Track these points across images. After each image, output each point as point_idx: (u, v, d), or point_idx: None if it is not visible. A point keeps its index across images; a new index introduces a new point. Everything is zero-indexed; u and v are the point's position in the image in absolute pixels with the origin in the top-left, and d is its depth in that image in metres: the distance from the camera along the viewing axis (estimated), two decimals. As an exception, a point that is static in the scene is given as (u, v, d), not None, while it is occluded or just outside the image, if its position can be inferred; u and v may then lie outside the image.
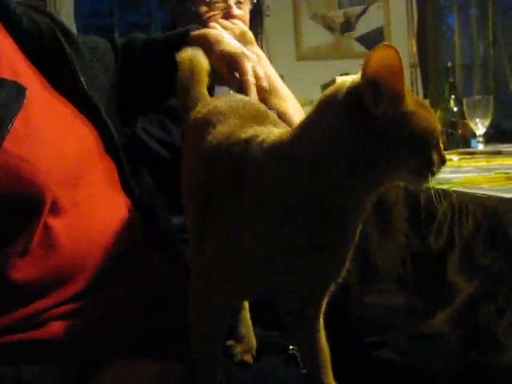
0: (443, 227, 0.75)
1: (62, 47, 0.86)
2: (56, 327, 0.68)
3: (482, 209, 0.66)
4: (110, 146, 0.87)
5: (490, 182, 0.80)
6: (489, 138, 2.77)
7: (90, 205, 0.75)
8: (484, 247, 0.67)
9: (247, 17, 1.61)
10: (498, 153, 1.44)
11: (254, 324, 0.91)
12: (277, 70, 1.62)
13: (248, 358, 0.89)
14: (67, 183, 0.72)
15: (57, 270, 0.68)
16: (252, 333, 0.91)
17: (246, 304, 0.90)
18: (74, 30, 4.01)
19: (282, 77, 2.06)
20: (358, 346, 1.16)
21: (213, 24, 1.53)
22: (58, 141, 0.75)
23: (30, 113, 0.71)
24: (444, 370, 1.03)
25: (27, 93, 0.71)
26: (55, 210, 0.69)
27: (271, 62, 1.72)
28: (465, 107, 1.97)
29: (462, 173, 0.83)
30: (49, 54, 0.85)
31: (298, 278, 0.66)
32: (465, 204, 0.69)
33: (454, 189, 0.73)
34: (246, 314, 0.91)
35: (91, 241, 0.73)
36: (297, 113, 1.48)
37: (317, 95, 2.39)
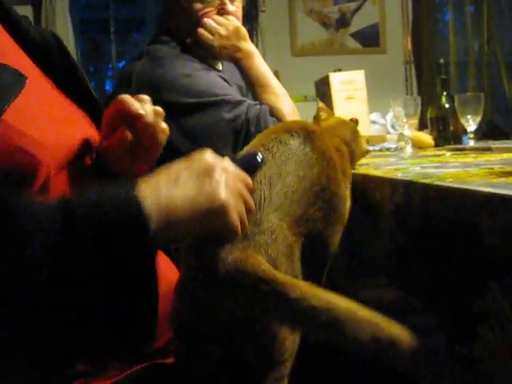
0: (426, 221, 0.76)
1: (66, 51, 0.88)
2: None
3: (455, 202, 0.68)
4: None
5: (471, 176, 0.81)
6: (482, 134, 2.79)
7: (79, 185, 0.77)
8: (458, 241, 0.69)
9: (241, 13, 1.62)
10: (488, 149, 1.45)
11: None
12: (272, 66, 1.63)
13: None
14: (61, 164, 0.73)
15: None
16: None
17: None
18: (68, 23, 4.01)
19: (276, 72, 2.07)
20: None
21: (206, 20, 1.55)
22: (59, 126, 0.76)
23: (31, 100, 0.73)
24: (433, 366, 1.04)
25: (27, 81, 0.72)
26: (45, 189, 0.70)
27: (266, 58, 1.73)
28: (456, 104, 1.99)
29: (447, 168, 0.84)
30: (52, 55, 0.86)
31: None
32: (440, 198, 0.71)
33: (436, 183, 0.74)
34: None
35: None
36: (290, 109, 1.49)
37: (311, 91, 2.41)
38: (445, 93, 2.11)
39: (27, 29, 0.85)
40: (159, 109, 0.82)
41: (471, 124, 1.97)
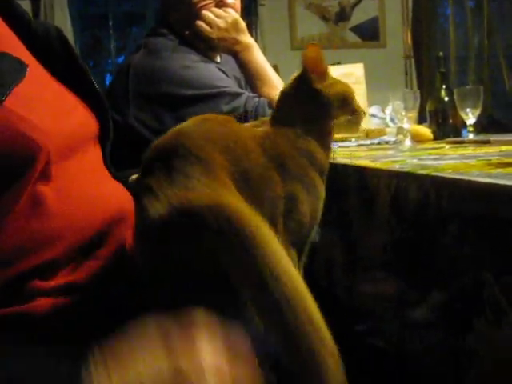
0: (421, 212, 0.76)
1: (67, 43, 0.88)
2: (43, 304, 0.69)
3: (452, 192, 0.68)
4: (103, 136, 0.90)
5: (469, 167, 0.81)
6: (482, 128, 2.79)
7: (81, 177, 0.78)
8: (454, 232, 0.69)
9: (239, 5, 1.62)
10: (487, 142, 1.45)
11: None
12: (271, 60, 1.63)
13: None
14: (62, 151, 0.74)
15: (43, 229, 0.70)
16: None
17: None
18: (67, 19, 4.00)
19: (276, 66, 2.07)
20: (348, 333, 1.17)
21: (205, 12, 1.54)
22: (59, 114, 0.77)
23: (32, 88, 0.73)
24: (431, 358, 1.04)
25: (28, 69, 0.73)
26: (46, 176, 0.71)
27: (266, 52, 1.73)
28: (456, 97, 1.98)
29: (445, 160, 0.84)
30: (53, 47, 0.87)
31: None
32: (437, 188, 0.71)
33: (433, 174, 0.74)
34: None
35: (79, 205, 0.75)
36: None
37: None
38: (444, 86, 2.10)
39: (28, 20, 0.86)
40: None
41: (470, 117, 1.97)
